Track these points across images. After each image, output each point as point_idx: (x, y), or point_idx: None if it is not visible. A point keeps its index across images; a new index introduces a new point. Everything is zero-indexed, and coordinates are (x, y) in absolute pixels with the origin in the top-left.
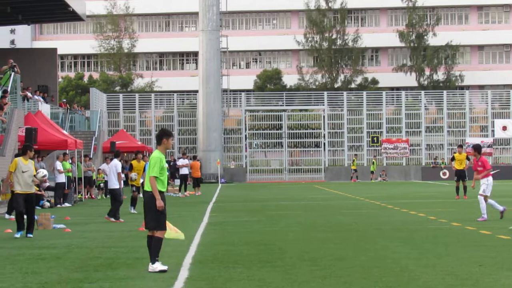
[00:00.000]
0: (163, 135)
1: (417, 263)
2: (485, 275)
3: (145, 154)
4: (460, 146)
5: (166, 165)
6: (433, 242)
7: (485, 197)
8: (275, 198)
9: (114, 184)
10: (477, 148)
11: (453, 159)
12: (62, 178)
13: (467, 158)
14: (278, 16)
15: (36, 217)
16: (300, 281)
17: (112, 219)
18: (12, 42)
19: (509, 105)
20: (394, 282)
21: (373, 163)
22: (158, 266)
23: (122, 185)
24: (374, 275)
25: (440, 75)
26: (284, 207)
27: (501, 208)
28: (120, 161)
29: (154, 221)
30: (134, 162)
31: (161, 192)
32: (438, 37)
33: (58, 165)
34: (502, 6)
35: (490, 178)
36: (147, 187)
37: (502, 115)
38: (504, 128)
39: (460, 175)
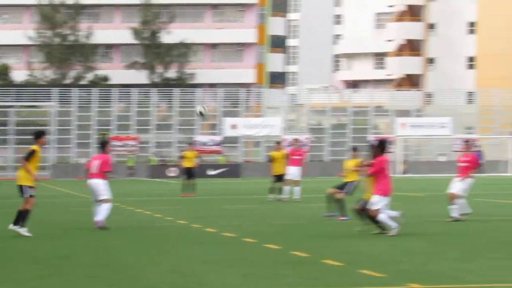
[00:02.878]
0: None
1: (141, 261)
2: (210, 272)
3: None
4: (190, 143)
5: None
6: (159, 239)
7: None
8: None
9: None
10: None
11: (181, 157)
12: None
13: (197, 156)
14: (9, 11)
15: None
16: (21, 280)
17: None
18: None
19: (239, 104)
20: (117, 280)
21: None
22: None
23: None
24: (98, 274)
25: (173, 73)
26: (6, 205)
27: None
28: None
29: None
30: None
31: None
32: (173, 35)
33: None
34: (237, 6)
35: None
36: None
37: (232, 113)
38: (234, 126)
39: (188, 173)
